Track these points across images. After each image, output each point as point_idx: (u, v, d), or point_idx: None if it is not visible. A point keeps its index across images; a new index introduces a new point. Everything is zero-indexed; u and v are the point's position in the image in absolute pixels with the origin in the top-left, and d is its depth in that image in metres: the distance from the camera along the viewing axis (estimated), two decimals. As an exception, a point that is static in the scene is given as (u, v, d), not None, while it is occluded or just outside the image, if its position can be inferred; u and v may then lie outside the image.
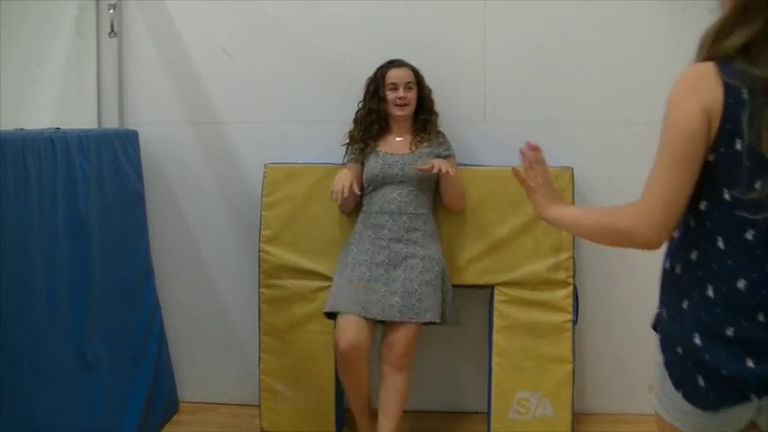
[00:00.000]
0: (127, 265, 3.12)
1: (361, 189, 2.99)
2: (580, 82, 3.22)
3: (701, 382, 1.40)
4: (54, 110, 3.24)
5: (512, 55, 3.20)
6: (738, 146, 1.35)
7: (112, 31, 3.31)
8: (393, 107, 2.97)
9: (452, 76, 3.24)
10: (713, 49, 1.44)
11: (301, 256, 3.14)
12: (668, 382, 1.45)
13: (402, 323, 2.82)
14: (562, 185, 3.05)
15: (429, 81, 3.26)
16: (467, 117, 3.23)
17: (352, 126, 3.06)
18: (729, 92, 1.35)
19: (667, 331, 1.47)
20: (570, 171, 3.09)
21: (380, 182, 2.94)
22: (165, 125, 3.39)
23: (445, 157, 2.96)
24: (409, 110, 3.00)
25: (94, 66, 3.34)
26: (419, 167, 2.86)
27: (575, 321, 3.10)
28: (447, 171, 2.81)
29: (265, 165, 3.19)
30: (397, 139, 3.02)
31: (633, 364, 3.35)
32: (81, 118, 3.26)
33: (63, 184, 2.60)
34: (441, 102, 3.20)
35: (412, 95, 2.99)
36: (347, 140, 3.05)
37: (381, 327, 2.89)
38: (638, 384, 3.36)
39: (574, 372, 3.10)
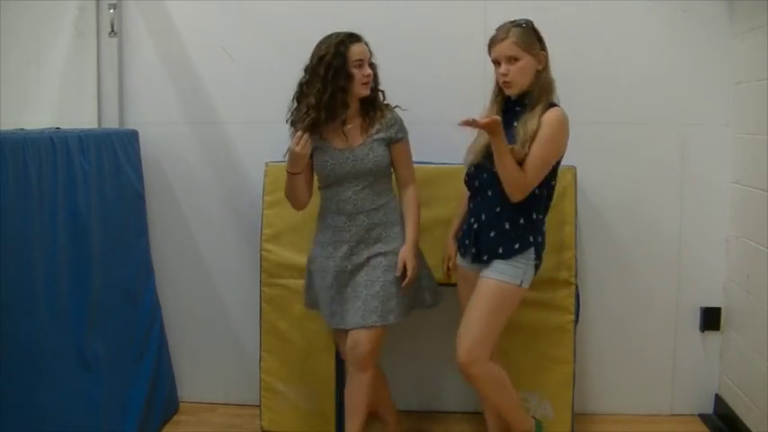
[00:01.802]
0: (127, 265, 3.12)
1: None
2: (581, 82, 3.21)
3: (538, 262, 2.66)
4: (54, 110, 3.24)
5: (512, 55, 3.20)
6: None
7: (112, 31, 3.32)
8: (360, 86, 2.68)
9: (452, 76, 3.24)
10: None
11: (302, 254, 3.13)
12: (534, 271, 2.64)
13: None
14: (565, 184, 3.05)
15: (429, 81, 3.28)
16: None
17: (305, 110, 2.68)
18: None
19: (537, 244, 2.61)
20: (573, 170, 3.09)
21: (332, 180, 2.76)
22: (165, 125, 3.39)
23: (399, 140, 2.78)
24: (370, 87, 2.73)
25: (94, 66, 3.34)
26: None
27: (576, 322, 3.10)
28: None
29: (267, 163, 3.19)
30: (349, 126, 2.75)
31: (635, 365, 3.35)
32: (81, 118, 3.26)
33: (63, 184, 2.60)
34: (441, 102, 3.20)
35: (371, 72, 2.73)
36: (304, 125, 2.66)
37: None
38: (638, 385, 3.36)
39: (574, 373, 3.10)
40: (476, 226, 2.65)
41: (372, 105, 2.77)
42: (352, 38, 2.69)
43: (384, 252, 2.76)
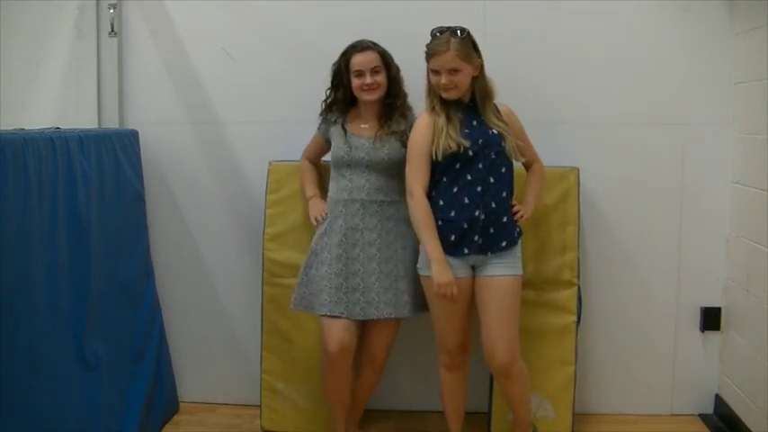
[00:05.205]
0: (127, 265, 3.12)
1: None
2: (582, 82, 3.22)
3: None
4: (54, 110, 3.24)
5: (513, 55, 3.19)
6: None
7: (112, 31, 3.32)
8: (361, 92, 2.86)
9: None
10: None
11: (305, 253, 3.13)
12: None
13: (381, 320, 2.81)
14: (568, 185, 3.06)
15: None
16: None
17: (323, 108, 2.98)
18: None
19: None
20: (576, 171, 3.09)
21: (347, 165, 2.86)
22: (165, 125, 3.39)
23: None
24: (379, 93, 2.87)
25: (94, 66, 3.34)
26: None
27: (578, 322, 3.10)
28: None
29: (270, 162, 3.20)
30: (363, 125, 2.91)
31: (635, 365, 3.35)
32: (81, 118, 3.26)
33: (63, 184, 2.60)
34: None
35: (381, 79, 2.85)
36: (325, 115, 2.98)
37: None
38: (638, 385, 3.36)
39: (576, 374, 3.09)
40: (483, 216, 2.66)
41: (392, 111, 2.89)
42: (356, 48, 2.87)
43: (395, 247, 2.85)
